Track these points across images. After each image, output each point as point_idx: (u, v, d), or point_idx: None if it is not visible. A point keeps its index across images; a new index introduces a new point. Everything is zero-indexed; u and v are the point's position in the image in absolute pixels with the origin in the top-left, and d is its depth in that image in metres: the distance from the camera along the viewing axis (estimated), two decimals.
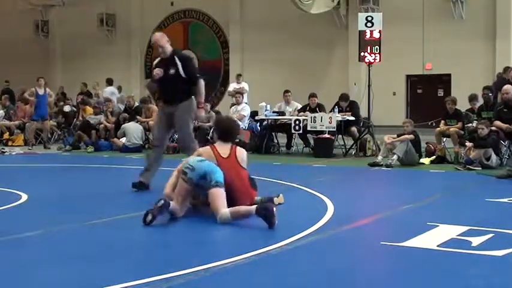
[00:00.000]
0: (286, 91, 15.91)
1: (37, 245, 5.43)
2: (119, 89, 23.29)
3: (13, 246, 5.32)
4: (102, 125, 16.98)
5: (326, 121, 13.88)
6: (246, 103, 16.86)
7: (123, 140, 15.75)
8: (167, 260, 4.78)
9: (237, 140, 14.05)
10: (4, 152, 15.54)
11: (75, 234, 5.86)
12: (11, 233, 5.67)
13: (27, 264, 4.68)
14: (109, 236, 5.76)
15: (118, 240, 5.56)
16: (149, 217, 5.84)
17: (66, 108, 19.46)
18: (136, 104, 18.02)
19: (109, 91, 21.13)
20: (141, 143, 15.89)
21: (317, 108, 14.79)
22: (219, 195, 6.09)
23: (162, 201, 5.92)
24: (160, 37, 8.46)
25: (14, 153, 15.77)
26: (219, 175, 6.18)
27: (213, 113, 16.74)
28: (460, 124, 12.56)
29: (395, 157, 11.67)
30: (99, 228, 6.09)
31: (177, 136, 9.12)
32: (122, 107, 18.98)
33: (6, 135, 18.82)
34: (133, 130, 15.82)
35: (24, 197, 7.80)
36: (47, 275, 4.41)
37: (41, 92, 17.60)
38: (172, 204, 6.08)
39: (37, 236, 5.68)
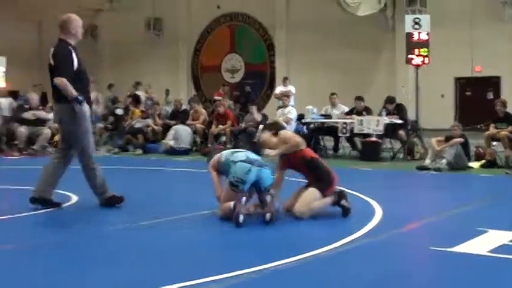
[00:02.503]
0: (332, 93, 15.88)
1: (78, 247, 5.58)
2: (167, 92, 23.54)
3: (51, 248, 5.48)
4: (149, 128, 17.23)
5: (373, 124, 13.81)
6: (292, 106, 16.90)
7: (172, 142, 15.94)
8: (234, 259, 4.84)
9: None
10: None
11: (118, 236, 5.99)
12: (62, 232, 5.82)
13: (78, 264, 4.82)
14: (144, 239, 5.86)
15: (158, 243, 5.67)
16: (241, 217, 6.07)
17: (119, 112, 19.54)
18: (184, 107, 18.26)
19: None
20: (189, 146, 16.09)
21: (364, 111, 14.74)
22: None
23: (245, 198, 6.24)
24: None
25: None
26: (265, 179, 6.53)
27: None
28: (510, 127, 12.36)
29: (444, 161, 11.55)
30: (135, 231, 6.21)
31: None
32: (169, 110, 19.23)
33: (56, 138, 19.14)
34: (184, 133, 16.05)
35: (75, 198, 7.97)
36: (101, 275, 4.54)
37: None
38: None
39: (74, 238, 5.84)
